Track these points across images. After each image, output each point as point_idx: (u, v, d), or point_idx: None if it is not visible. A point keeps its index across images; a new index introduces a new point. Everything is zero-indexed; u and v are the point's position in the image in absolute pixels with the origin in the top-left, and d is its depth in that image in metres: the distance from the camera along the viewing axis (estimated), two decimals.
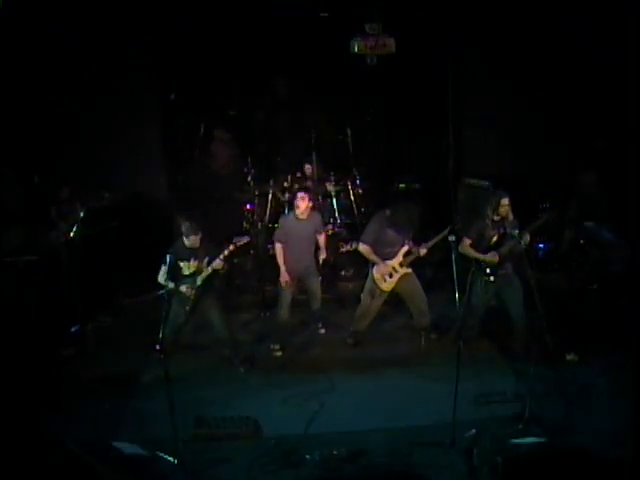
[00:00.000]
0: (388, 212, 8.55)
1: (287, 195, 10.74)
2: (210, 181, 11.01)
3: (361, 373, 8.03)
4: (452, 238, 8.21)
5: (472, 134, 10.82)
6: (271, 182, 11.09)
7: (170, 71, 10.48)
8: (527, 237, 7.63)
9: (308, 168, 11.07)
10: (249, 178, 11.13)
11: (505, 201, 7.94)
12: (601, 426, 6.59)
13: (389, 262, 8.54)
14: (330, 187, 10.81)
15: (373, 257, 8.53)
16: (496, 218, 8.06)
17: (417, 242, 8.55)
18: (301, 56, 10.39)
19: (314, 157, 10.70)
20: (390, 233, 8.50)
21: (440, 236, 8.29)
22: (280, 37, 9.94)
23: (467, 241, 8.20)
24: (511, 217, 8.00)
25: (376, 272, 8.58)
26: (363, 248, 8.53)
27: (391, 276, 8.57)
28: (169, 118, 10.83)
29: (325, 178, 10.96)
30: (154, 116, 10.62)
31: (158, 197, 10.75)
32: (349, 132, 10.93)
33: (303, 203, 8.54)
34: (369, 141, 11.67)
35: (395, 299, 8.95)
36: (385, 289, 8.62)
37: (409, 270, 8.63)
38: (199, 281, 7.84)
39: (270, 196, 11.02)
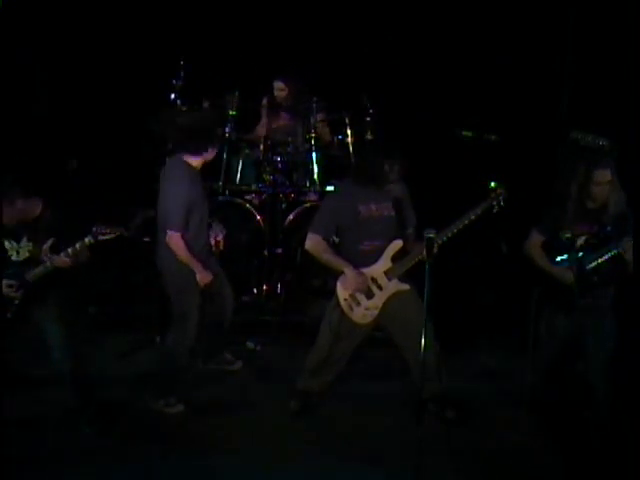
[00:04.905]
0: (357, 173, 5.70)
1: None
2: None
3: (304, 463, 5.47)
4: None
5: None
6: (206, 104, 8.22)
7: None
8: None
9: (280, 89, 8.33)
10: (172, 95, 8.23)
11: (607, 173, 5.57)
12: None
13: (366, 269, 5.62)
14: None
15: (330, 259, 5.66)
16: (591, 205, 5.74)
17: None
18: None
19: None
20: (367, 214, 5.69)
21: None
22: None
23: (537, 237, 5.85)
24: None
25: (342, 288, 5.60)
26: (313, 244, 5.67)
27: (370, 297, 5.58)
28: None
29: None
30: None
31: None
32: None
33: None
34: None
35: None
36: (359, 321, 5.64)
37: (406, 286, 5.59)
38: (31, 277, 5.67)
39: None
